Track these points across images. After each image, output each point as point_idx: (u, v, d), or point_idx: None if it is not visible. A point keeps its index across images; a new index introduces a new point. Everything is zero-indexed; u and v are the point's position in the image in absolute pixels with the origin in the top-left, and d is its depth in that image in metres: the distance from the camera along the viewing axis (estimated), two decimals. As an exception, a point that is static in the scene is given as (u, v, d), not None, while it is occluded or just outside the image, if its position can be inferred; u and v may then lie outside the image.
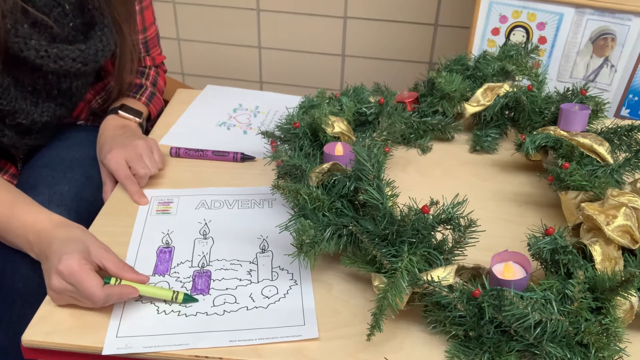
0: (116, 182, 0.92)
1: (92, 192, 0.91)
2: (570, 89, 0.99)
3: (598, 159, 0.85)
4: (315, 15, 1.82)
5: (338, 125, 0.90)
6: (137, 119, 1.03)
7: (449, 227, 0.70)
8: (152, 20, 1.10)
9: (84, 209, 0.88)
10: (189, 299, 0.71)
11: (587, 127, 0.92)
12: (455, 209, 0.69)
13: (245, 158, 0.98)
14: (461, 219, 0.69)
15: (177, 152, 0.99)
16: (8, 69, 0.86)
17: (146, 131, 1.17)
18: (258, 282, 0.75)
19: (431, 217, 0.69)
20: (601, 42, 1.34)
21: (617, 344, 0.62)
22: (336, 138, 0.89)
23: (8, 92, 0.87)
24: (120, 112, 1.01)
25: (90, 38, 0.92)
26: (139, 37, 1.08)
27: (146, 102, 1.08)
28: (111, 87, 1.05)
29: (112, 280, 0.70)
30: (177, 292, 0.71)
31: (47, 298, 0.71)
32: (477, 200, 0.87)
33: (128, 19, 0.97)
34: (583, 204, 0.73)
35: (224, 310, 0.70)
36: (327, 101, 0.95)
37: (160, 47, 1.17)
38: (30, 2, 0.83)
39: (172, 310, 0.70)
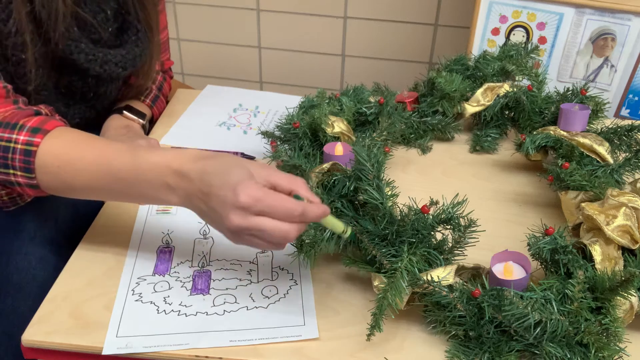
0: None
1: None
2: (570, 89, 0.99)
3: (598, 159, 0.85)
4: (315, 15, 1.82)
5: (338, 125, 0.90)
6: (141, 120, 1.03)
7: (448, 227, 0.70)
8: (165, 24, 1.11)
9: (84, 204, 0.88)
10: (354, 237, 0.68)
11: (587, 127, 0.92)
12: (455, 209, 0.69)
13: (245, 158, 0.98)
14: (461, 219, 0.69)
15: (177, 152, 0.99)
16: (51, 71, 0.86)
17: (147, 131, 1.18)
18: (258, 282, 0.75)
19: (431, 217, 0.69)
20: (601, 42, 1.34)
21: (617, 344, 0.62)
22: (336, 138, 0.89)
23: (50, 95, 0.88)
24: (124, 112, 1.02)
25: (124, 43, 0.93)
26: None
27: (150, 104, 1.09)
28: (122, 89, 1.06)
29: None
30: (348, 228, 0.67)
31: (47, 297, 0.71)
32: (477, 200, 0.87)
33: (157, 23, 0.98)
34: (583, 204, 0.73)
35: (224, 310, 0.70)
36: (327, 101, 0.95)
37: (170, 53, 1.18)
38: (79, 6, 0.84)
39: (172, 310, 0.70)
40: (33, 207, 0.82)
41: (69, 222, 0.85)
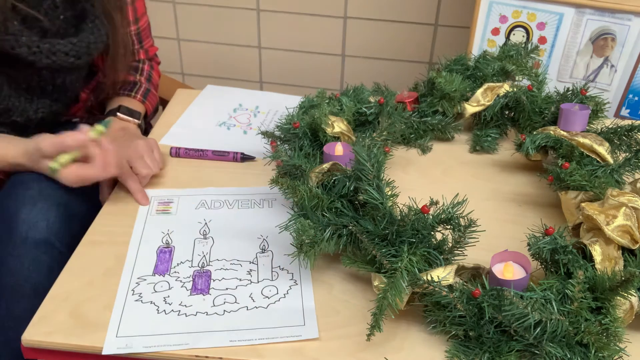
0: (113, 184, 0.92)
1: (83, 189, 0.90)
2: (570, 89, 0.99)
3: (598, 159, 0.85)
4: (315, 15, 1.82)
5: (338, 125, 0.90)
6: (136, 120, 1.03)
7: (448, 227, 0.70)
8: (144, 10, 1.10)
9: (75, 204, 0.87)
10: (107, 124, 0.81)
11: (587, 127, 0.92)
12: (455, 209, 0.69)
13: (245, 158, 0.98)
14: (461, 219, 0.69)
15: (177, 152, 0.99)
16: (1, 68, 0.86)
17: (146, 131, 1.17)
18: (258, 282, 0.75)
19: (431, 217, 0.69)
20: (601, 42, 1.34)
21: (617, 344, 0.62)
22: (336, 138, 0.89)
23: (7, 91, 0.87)
24: (119, 114, 1.01)
25: (82, 31, 0.91)
26: (130, 29, 1.07)
27: (142, 100, 1.08)
28: (104, 82, 1.04)
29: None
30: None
31: (47, 297, 0.71)
32: (477, 200, 0.87)
33: (119, 9, 0.96)
34: (583, 204, 0.73)
35: (224, 310, 0.70)
36: (327, 101, 0.95)
37: (153, 39, 1.16)
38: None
39: (172, 310, 0.70)
40: (24, 209, 0.82)
41: (60, 223, 0.84)
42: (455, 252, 0.70)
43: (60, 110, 0.99)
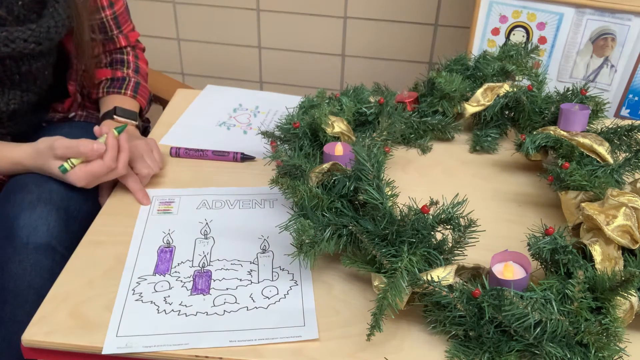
0: (112, 186, 0.92)
1: (82, 191, 0.90)
2: (570, 89, 0.99)
3: (598, 159, 0.85)
4: (315, 15, 1.82)
5: (338, 125, 0.90)
6: (134, 122, 1.03)
7: (448, 227, 0.70)
8: None
9: (75, 207, 0.87)
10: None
11: (587, 127, 0.92)
12: (455, 209, 0.69)
13: (245, 158, 0.98)
14: (461, 219, 0.69)
15: (177, 152, 0.99)
16: None
17: (145, 130, 1.17)
18: (258, 282, 0.75)
19: (431, 217, 0.69)
20: (601, 42, 1.35)
21: (617, 344, 0.62)
22: (336, 138, 0.89)
23: None
24: (115, 116, 1.01)
25: (44, 16, 0.90)
26: (106, 13, 1.05)
27: (132, 95, 1.07)
28: (79, 69, 1.03)
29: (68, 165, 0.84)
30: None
31: (47, 297, 0.71)
32: (477, 200, 0.87)
33: None
34: (583, 204, 0.73)
35: (224, 310, 0.70)
36: (327, 101, 0.95)
37: (133, 23, 1.14)
38: None
39: (172, 310, 0.70)
40: (23, 213, 0.81)
41: (61, 226, 0.83)
42: (455, 252, 0.70)
43: (34, 101, 0.97)
